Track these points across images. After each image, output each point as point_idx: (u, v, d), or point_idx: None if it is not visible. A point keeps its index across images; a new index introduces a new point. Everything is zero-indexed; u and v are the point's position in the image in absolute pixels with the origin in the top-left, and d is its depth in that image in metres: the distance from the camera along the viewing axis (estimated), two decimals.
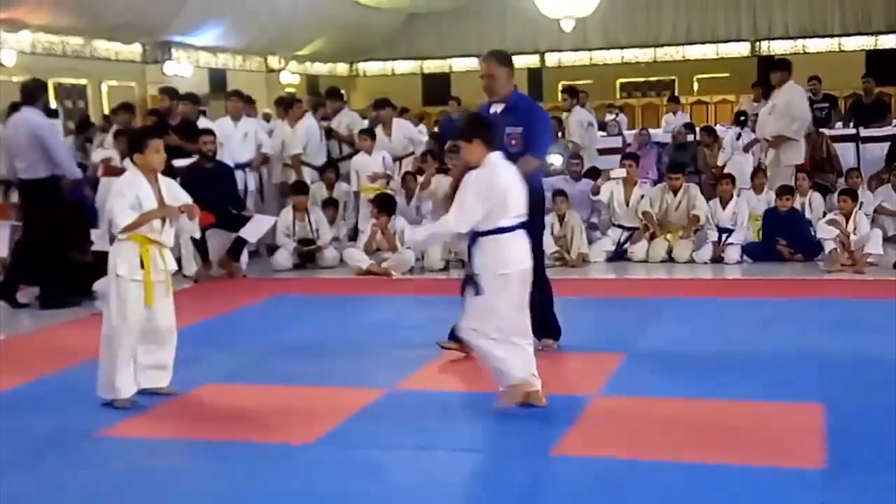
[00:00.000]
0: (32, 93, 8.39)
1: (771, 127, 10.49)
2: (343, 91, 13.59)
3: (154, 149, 5.22)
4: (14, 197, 9.53)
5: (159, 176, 5.34)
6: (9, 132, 8.44)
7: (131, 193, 5.15)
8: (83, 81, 18.91)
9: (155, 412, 5.19)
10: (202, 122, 10.87)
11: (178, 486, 4.26)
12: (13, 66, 16.73)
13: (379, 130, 11.25)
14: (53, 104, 17.63)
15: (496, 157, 4.91)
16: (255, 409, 5.20)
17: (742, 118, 13.46)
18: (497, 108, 5.99)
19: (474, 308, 4.91)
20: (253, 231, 9.60)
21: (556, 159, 11.22)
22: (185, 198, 5.40)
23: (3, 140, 8.61)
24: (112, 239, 5.31)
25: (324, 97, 12.77)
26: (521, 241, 4.93)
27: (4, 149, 8.61)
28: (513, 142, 5.82)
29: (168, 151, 5.70)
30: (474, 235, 4.88)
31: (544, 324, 6.11)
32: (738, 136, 12.57)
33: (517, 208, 4.90)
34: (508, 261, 4.86)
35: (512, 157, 5.43)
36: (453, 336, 5.89)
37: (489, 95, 6.04)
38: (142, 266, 5.15)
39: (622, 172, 10.29)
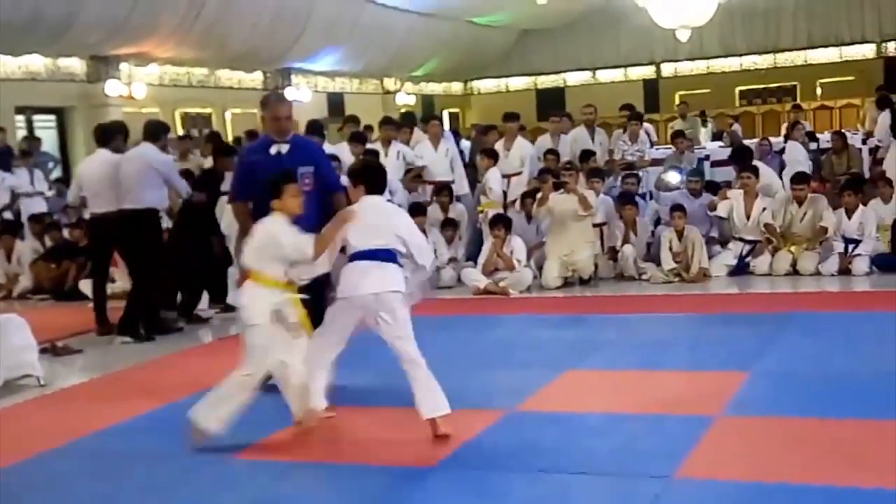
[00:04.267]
0: (155, 132, 8.72)
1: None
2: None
3: (291, 193, 5.21)
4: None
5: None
6: (124, 167, 8.56)
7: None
8: (208, 110, 19.61)
9: (282, 435, 5.33)
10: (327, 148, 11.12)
11: None
12: (143, 98, 17.45)
13: (500, 145, 11.34)
14: (181, 132, 18.33)
15: (369, 199, 5.19)
16: (377, 431, 5.29)
17: None
18: (281, 149, 6.08)
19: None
20: None
21: (673, 176, 11.09)
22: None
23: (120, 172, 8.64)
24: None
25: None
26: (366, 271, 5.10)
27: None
28: (307, 181, 5.92)
29: None
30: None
31: None
32: None
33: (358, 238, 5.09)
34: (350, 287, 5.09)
35: (305, 196, 5.52)
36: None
37: (282, 136, 6.11)
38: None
39: (739, 193, 10.08)
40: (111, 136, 8.84)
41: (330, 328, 5.17)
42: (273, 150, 6.12)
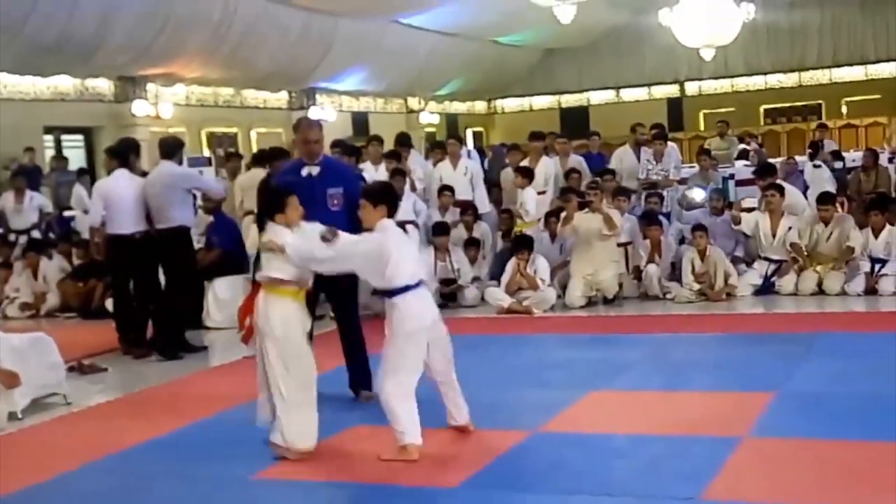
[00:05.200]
0: (172, 149, 8.75)
1: None
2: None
3: (293, 206, 5.30)
4: None
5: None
6: (147, 189, 8.61)
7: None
8: (234, 130, 19.76)
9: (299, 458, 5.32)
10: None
11: None
12: (170, 118, 17.61)
13: (525, 164, 11.34)
14: (206, 152, 18.49)
15: (390, 223, 5.22)
16: None
17: None
18: (312, 171, 6.31)
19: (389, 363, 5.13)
20: None
21: (697, 194, 11.03)
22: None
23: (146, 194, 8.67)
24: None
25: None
26: (424, 298, 5.21)
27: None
28: (335, 202, 6.18)
29: None
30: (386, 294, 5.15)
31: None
32: None
33: (411, 269, 5.16)
34: (419, 316, 5.13)
35: (334, 216, 5.69)
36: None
37: (311, 159, 6.33)
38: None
39: (754, 202, 10.06)
40: (127, 155, 8.84)
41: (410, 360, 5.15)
42: (304, 171, 6.31)
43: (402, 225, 9.96)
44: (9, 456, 5.80)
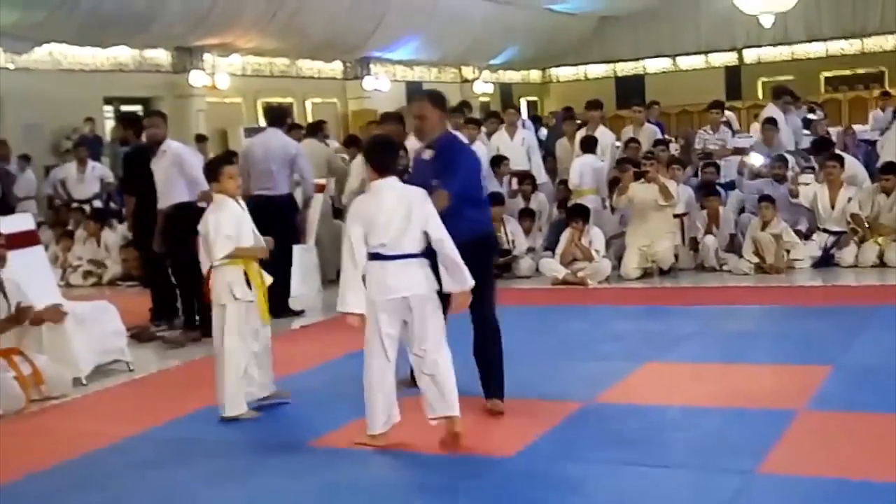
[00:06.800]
0: (281, 116, 9.33)
1: None
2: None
3: (228, 175, 5.56)
4: None
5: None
6: (256, 151, 8.72)
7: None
8: (289, 100, 19.86)
9: (359, 423, 5.38)
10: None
11: (383, 496, 4.45)
12: (226, 88, 17.77)
13: (581, 134, 11.27)
14: (263, 122, 18.60)
15: (385, 183, 4.84)
16: None
17: None
18: (427, 155, 5.47)
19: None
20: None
21: (756, 159, 10.85)
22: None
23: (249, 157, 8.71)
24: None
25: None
26: (398, 270, 4.78)
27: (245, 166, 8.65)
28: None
29: None
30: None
31: (497, 381, 5.44)
32: None
33: (389, 236, 4.75)
34: (382, 289, 4.79)
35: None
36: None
37: (419, 137, 5.58)
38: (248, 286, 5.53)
39: (810, 178, 9.91)
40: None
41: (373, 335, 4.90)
42: (424, 156, 5.53)
43: None
44: (74, 421, 5.96)
